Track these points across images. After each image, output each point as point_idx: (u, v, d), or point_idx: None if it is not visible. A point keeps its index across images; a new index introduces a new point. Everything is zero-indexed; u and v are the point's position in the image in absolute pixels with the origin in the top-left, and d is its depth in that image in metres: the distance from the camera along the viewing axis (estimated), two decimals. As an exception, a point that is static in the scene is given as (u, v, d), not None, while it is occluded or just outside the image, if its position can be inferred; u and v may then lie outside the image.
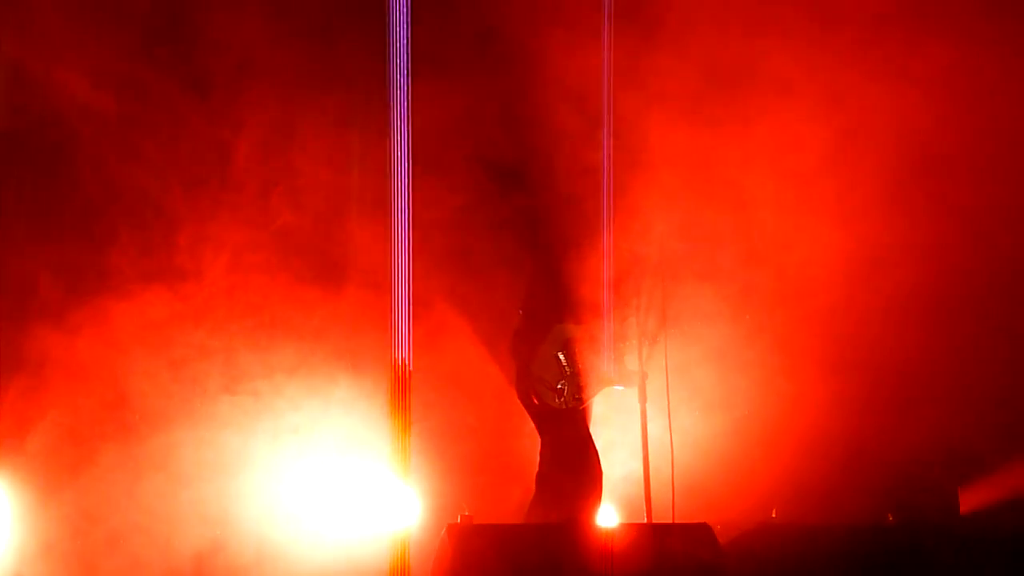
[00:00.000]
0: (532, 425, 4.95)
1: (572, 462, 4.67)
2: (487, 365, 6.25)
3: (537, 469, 4.73)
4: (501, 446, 6.38)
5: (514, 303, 4.89)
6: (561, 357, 4.71)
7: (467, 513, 3.75)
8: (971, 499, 5.38)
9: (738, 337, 5.81)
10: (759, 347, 6.22)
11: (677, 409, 4.70)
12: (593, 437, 4.75)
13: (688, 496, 4.61)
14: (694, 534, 4.01)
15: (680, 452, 4.59)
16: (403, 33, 5.37)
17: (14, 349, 5.44)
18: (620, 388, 4.75)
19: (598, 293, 4.90)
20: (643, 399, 4.54)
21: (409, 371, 6.00)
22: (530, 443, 6.02)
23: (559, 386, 4.67)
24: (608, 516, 5.56)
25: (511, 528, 3.91)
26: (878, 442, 5.76)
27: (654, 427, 4.59)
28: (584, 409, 4.75)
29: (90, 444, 5.52)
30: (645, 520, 4.41)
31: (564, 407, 4.66)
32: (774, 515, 4.28)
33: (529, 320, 4.81)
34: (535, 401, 4.74)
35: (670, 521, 4.47)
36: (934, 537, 4.28)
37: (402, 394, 5.80)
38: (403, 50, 5.38)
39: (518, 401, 4.80)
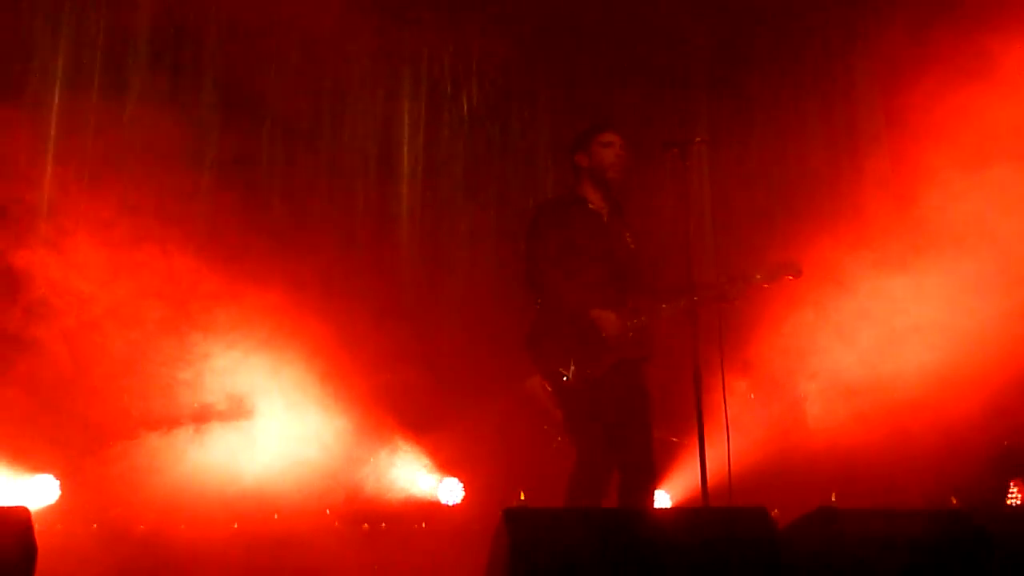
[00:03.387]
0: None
1: (579, 445, 4.65)
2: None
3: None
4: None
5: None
6: (568, 340, 4.66)
7: (523, 497, 3.73)
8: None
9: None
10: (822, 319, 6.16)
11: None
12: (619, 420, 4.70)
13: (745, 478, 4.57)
14: (751, 517, 3.96)
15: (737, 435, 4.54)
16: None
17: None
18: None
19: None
20: (699, 378, 4.46)
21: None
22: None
23: (563, 370, 4.64)
24: (663, 500, 5.55)
25: (568, 512, 3.88)
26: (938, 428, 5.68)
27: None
28: (603, 393, 4.68)
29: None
30: (701, 503, 4.36)
31: (569, 389, 4.64)
32: (833, 499, 4.20)
33: (544, 311, 4.80)
34: (548, 388, 4.72)
35: (727, 504, 4.43)
36: (1000, 521, 4.20)
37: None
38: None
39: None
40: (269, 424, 5.88)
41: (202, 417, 5.79)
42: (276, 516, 5.79)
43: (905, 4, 6.89)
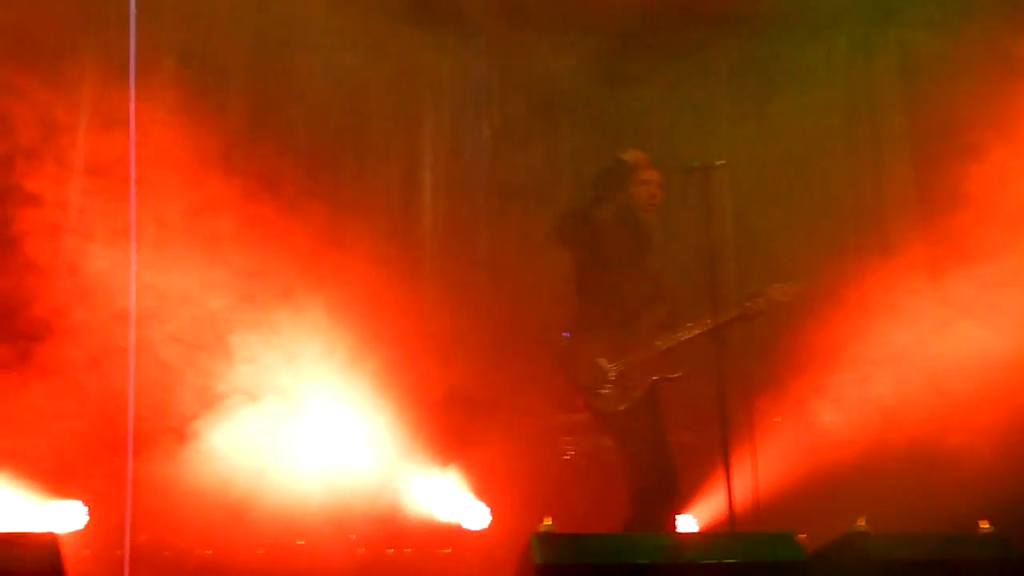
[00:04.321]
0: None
1: (643, 465, 4.66)
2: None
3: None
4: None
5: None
6: (602, 362, 4.71)
7: (550, 522, 3.72)
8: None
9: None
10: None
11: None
12: (663, 437, 4.75)
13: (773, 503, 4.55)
14: (778, 543, 3.93)
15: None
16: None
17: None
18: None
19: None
20: (723, 402, 4.47)
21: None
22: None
23: (603, 391, 4.67)
24: (689, 524, 5.50)
25: (594, 538, 3.87)
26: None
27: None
28: (646, 411, 4.72)
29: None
30: (729, 528, 4.34)
31: (612, 410, 4.67)
32: (862, 523, 4.16)
33: (573, 336, 4.86)
34: (594, 409, 4.75)
35: (754, 529, 4.40)
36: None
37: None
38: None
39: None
40: (296, 447, 5.89)
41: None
42: (302, 542, 5.79)
43: (928, 16, 6.86)
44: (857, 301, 6.11)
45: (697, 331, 4.76)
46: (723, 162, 4.69)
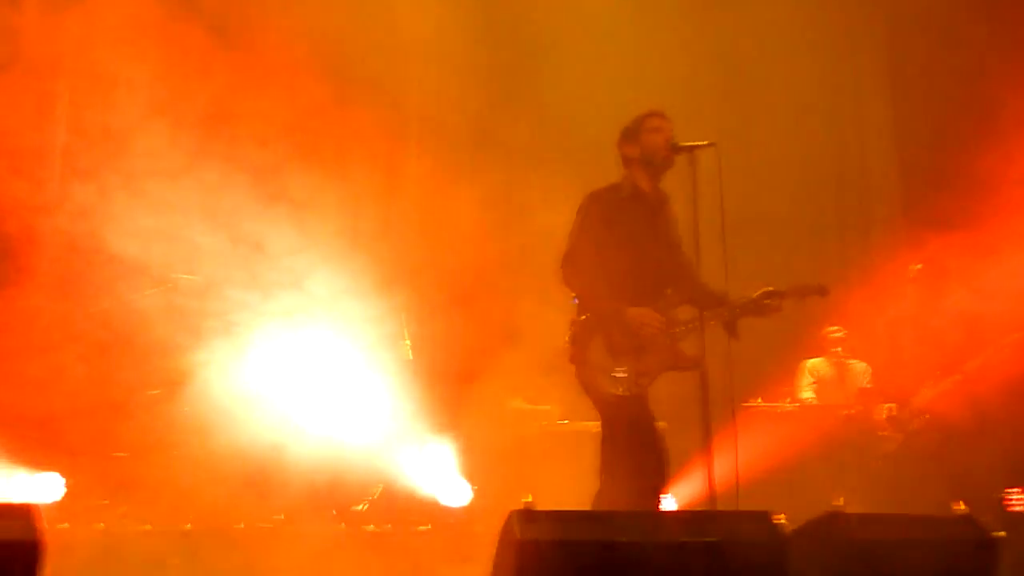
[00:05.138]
0: None
1: (636, 447, 4.64)
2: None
3: (600, 461, 4.71)
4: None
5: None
6: (622, 342, 4.66)
7: (530, 499, 3.71)
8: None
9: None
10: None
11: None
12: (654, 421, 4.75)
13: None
14: (758, 522, 3.95)
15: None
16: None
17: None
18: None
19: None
20: (705, 383, 4.48)
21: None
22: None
23: (618, 373, 4.61)
24: (669, 502, 5.53)
25: (575, 514, 3.87)
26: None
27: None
28: (645, 395, 4.73)
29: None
30: (708, 507, 4.36)
31: (626, 393, 4.62)
32: (841, 503, 4.19)
33: (585, 309, 4.78)
34: (598, 390, 4.70)
35: (734, 508, 4.42)
36: (1005, 527, 4.20)
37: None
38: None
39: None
40: (280, 422, 5.87)
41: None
42: (282, 516, 5.78)
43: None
44: (839, 279, 6.14)
45: (711, 320, 4.66)
46: (710, 142, 4.65)
